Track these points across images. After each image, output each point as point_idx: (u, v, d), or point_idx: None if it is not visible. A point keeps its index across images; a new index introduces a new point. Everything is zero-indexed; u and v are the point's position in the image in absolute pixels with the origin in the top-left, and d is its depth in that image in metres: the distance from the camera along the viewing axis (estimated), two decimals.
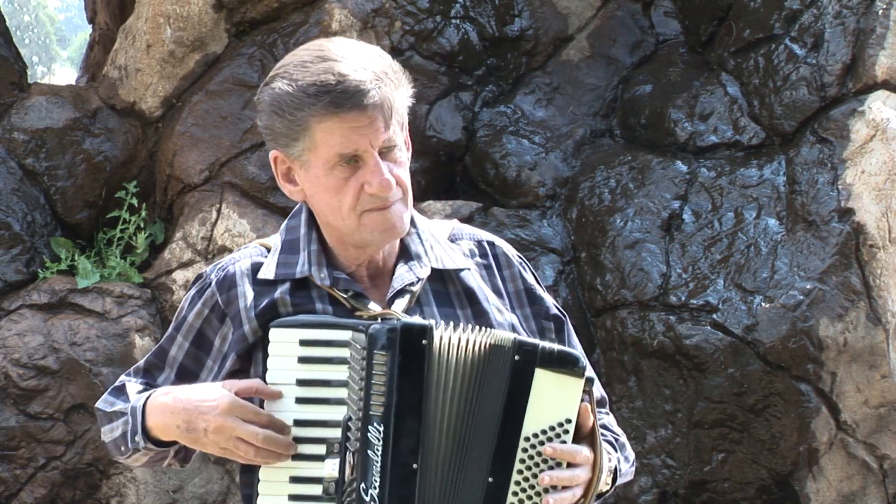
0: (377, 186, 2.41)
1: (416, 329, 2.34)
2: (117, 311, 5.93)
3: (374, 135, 2.40)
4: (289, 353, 2.41)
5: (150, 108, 6.35)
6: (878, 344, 5.53)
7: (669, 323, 5.62)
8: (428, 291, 2.53)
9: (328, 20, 6.19)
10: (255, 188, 6.07)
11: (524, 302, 2.62)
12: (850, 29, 5.86)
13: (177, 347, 2.58)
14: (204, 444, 2.41)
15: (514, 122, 6.31)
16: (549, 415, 2.35)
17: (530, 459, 2.34)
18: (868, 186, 5.63)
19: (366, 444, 2.31)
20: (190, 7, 6.24)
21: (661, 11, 6.58)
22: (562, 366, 2.35)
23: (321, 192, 2.46)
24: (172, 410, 2.42)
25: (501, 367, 2.34)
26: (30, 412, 5.81)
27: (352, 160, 2.42)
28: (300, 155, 2.44)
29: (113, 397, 2.59)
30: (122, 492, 5.87)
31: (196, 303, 2.56)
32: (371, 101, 2.38)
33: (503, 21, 6.50)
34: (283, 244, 2.55)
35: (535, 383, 2.34)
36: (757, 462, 5.57)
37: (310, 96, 2.39)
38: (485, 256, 2.63)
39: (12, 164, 6.26)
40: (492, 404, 2.34)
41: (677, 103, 6.16)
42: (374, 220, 2.44)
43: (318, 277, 2.49)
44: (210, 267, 2.60)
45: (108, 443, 2.61)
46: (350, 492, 2.33)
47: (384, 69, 2.43)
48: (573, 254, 5.97)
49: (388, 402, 2.31)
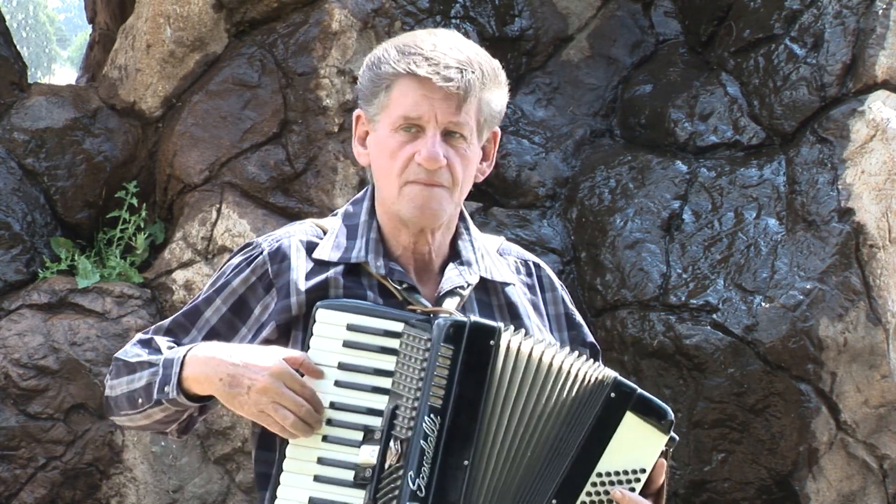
0: (425, 156, 2.45)
1: (486, 328, 2.37)
2: (117, 311, 5.93)
3: (443, 110, 2.45)
4: (334, 335, 2.41)
5: (150, 108, 6.35)
6: (878, 344, 5.53)
7: (669, 323, 5.62)
8: (472, 299, 2.55)
9: (328, 20, 6.19)
10: (255, 188, 6.07)
11: (563, 326, 2.64)
12: (850, 29, 5.86)
13: (213, 311, 2.56)
14: (242, 402, 2.40)
15: (514, 122, 6.31)
16: (627, 459, 2.37)
17: (597, 495, 2.37)
18: (868, 186, 5.64)
19: (418, 434, 2.32)
20: (190, 7, 6.24)
21: (661, 11, 6.58)
22: (652, 416, 2.39)
23: (380, 154, 2.50)
24: (219, 363, 2.41)
25: (592, 398, 2.37)
26: (30, 412, 5.81)
27: (413, 128, 2.46)
28: (375, 114, 2.50)
29: (140, 348, 2.56)
30: (122, 492, 5.87)
31: (244, 269, 2.55)
32: (452, 77, 2.44)
33: (503, 21, 6.50)
34: (342, 228, 2.56)
35: (622, 425, 2.37)
36: (757, 462, 5.57)
37: (401, 54, 2.46)
38: (529, 276, 2.66)
39: (12, 164, 6.26)
40: (571, 431, 2.37)
41: (677, 103, 6.16)
42: (414, 192, 2.47)
43: (374, 265, 2.51)
44: (261, 237, 2.60)
45: (119, 395, 2.56)
46: (394, 479, 2.34)
47: (482, 65, 2.49)
48: (573, 254, 5.97)
49: (448, 395, 2.33)
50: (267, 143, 6.15)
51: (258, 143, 6.09)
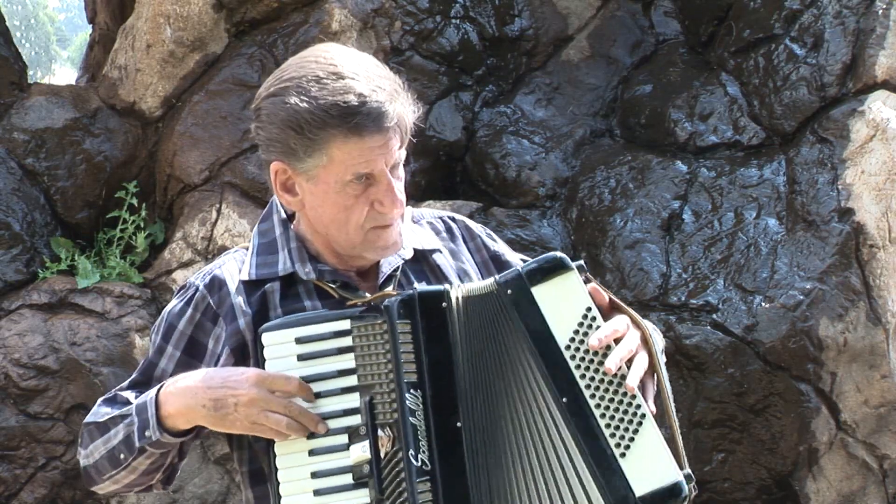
0: (389, 206, 2.46)
1: (435, 294, 2.41)
2: (117, 311, 5.93)
3: (390, 154, 2.45)
4: (286, 353, 2.42)
5: (150, 108, 6.35)
6: (878, 344, 5.53)
7: (669, 323, 5.62)
8: (407, 272, 2.58)
9: (328, 20, 6.19)
10: (255, 188, 6.07)
11: (492, 269, 2.66)
12: (850, 29, 5.86)
13: (167, 359, 2.56)
14: (233, 420, 2.40)
15: (514, 122, 6.31)
16: (571, 316, 2.39)
17: (584, 361, 2.38)
18: (868, 186, 5.64)
19: (405, 413, 2.34)
20: (190, 7, 6.24)
21: (661, 11, 6.59)
22: (550, 272, 2.41)
23: (327, 207, 2.48)
24: (196, 392, 2.41)
25: (503, 308, 2.40)
26: (30, 412, 5.81)
27: (363, 178, 2.44)
28: (309, 170, 2.45)
29: (106, 406, 2.55)
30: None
31: (186, 310, 2.55)
32: (391, 123, 2.42)
33: (503, 21, 6.50)
34: (259, 246, 2.57)
35: (540, 302, 2.39)
36: (757, 462, 5.57)
37: (333, 117, 2.40)
38: (448, 231, 2.69)
39: (12, 164, 6.26)
40: (517, 341, 2.39)
41: (677, 103, 6.17)
42: (379, 236, 2.49)
43: (303, 272, 2.52)
44: (192, 277, 2.60)
45: (99, 459, 2.53)
46: (395, 463, 2.35)
47: (394, 86, 2.46)
48: (573, 254, 5.97)
49: (420, 367, 2.36)
50: None
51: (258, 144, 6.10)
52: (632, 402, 2.37)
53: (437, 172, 6.25)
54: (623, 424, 2.37)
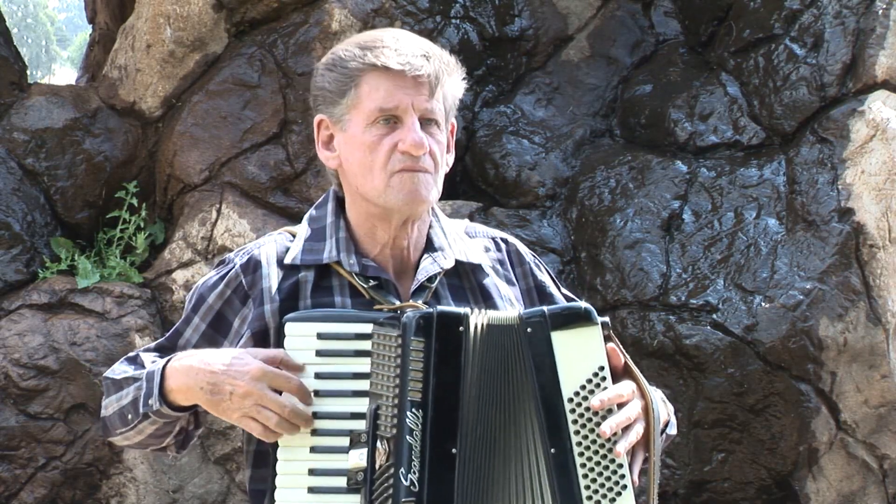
0: (410, 143, 2.47)
1: (453, 316, 2.39)
2: (117, 311, 5.93)
3: (418, 98, 2.48)
4: (306, 346, 2.42)
5: (150, 108, 6.35)
6: (878, 344, 5.53)
7: (669, 323, 5.62)
8: (444, 285, 2.57)
9: (328, 20, 6.19)
10: (255, 188, 6.07)
11: (535, 299, 2.65)
12: (850, 29, 5.86)
13: (192, 329, 2.58)
14: (225, 408, 2.41)
15: (514, 122, 6.31)
16: (582, 370, 2.38)
17: (582, 418, 2.37)
18: (868, 186, 5.64)
19: (403, 430, 2.34)
20: (190, 7, 6.24)
21: (661, 11, 6.59)
22: (573, 321, 2.40)
23: (356, 151, 2.51)
24: (198, 372, 2.42)
25: (518, 344, 2.39)
26: (30, 412, 5.81)
27: (390, 120, 2.48)
28: (343, 114, 2.51)
29: (126, 364, 2.59)
30: (122, 492, 5.87)
31: (218, 285, 2.57)
32: (420, 65, 2.48)
33: (503, 21, 6.50)
34: (310, 232, 2.58)
35: (556, 347, 2.38)
36: (757, 462, 5.57)
37: (364, 49, 2.50)
38: (499, 252, 2.68)
39: (12, 164, 6.26)
40: (525, 381, 2.38)
41: (677, 103, 6.17)
42: (402, 181, 2.49)
43: (347, 263, 2.52)
44: (234, 252, 2.62)
45: (112, 414, 2.58)
46: (386, 478, 2.35)
47: (442, 55, 2.52)
48: (573, 254, 5.97)
49: (426, 388, 2.35)
50: (267, 143, 6.15)
51: (258, 143, 6.10)
52: (617, 469, 2.37)
53: None
54: (602, 490, 2.36)
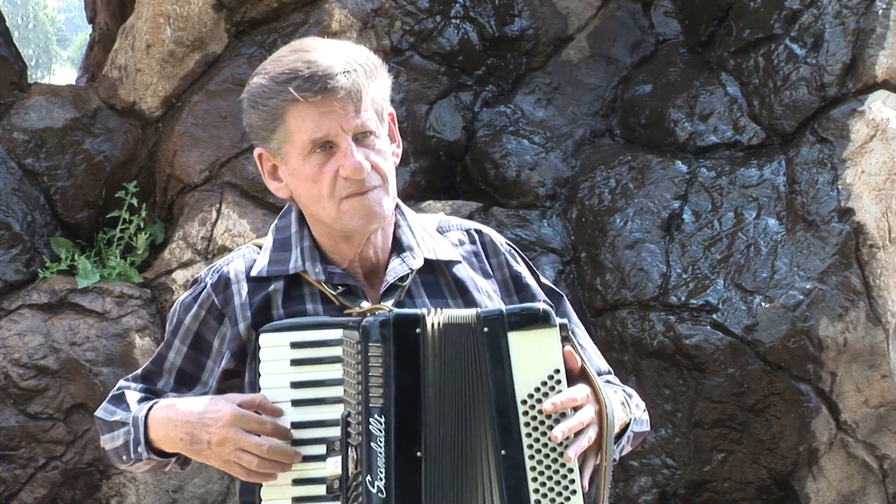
0: (349, 169, 2.43)
1: (409, 318, 2.37)
2: (117, 311, 5.93)
3: (345, 119, 2.44)
4: (280, 356, 2.42)
5: (150, 108, 6.35)
6: (878, 344, 5.53)
7: (669, 323, 5.62)
8: (419, 283, 2.55)
9: (328, 20, 6.19)
10: (255, 188, 6.07)
11: (511, 290, 2.64)
12: (850, 29, 5.86)
13: (175, 352, 2.59)
14: (207, 456, 2.43)
15: (514, 122, 6.31)
16: (537, 372, 2.36)
17: (534, 420, 2.35)
18: (868, 186, 5.64)
19: (368, 437, 2.32)
20: (190, 7, 6.24)
21: (661, 11, 6.59)
22: (530, 322, 2.37)
23: (301, 183, 2.48)
24: (175, 423, 2.44)
25: (476, 343, 2.36)
26: (30, 412, 5.81)
27: (326, 146, 2.45)
28: (279, 148, 2.48)
29: (112, 405, 2.61)
30: (122, 492, 5.87)
31: (192, 306, 2.58)
32: (338, 85, 2.42)
33: (503, 21, 6.50)
34: (275, 242, 2.57)
35: (512, 348, 2.36)
36: (757, 462, 5.57)
37: (279, 84, 2.44)
38: (473, 244, 2.66)
39: (12, 164, 6.26)
40: (481, 381, 2.36)
41: (677, 103, 6.17)
42: (353, 206, 2.46)
43: (313, 272, 2.51)
44: (205, 271, 2.62)
45: (110, 451, 2.62)
46: (356, 486, 2.34)
47: (357, 59, 2.47)
48: (573, 254, 5.97)
49: (387, 393, 2.33)
50: None
51: None
52: (567, 474, 2.34)
53: (437, 172, 6.25)
54: (552, 494, 2.33)
